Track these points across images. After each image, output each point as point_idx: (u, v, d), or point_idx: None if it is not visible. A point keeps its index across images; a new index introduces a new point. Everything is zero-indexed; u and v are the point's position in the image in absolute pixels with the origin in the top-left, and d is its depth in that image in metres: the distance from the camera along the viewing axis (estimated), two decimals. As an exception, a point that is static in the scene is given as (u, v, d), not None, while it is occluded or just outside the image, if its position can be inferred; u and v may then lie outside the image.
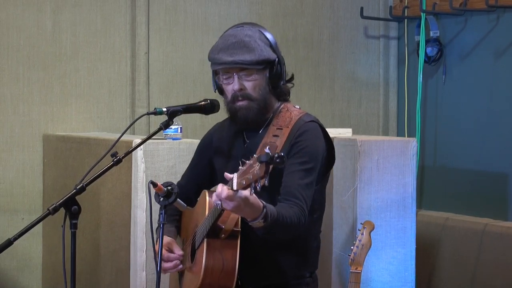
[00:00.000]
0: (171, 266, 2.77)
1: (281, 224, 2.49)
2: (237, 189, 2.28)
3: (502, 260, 4.15)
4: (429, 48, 4.76)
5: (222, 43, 2.70)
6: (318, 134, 2.72)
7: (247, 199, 2.36)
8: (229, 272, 2.56)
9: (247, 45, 2.66)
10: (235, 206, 2.35)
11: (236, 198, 2.33)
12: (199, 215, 2.73)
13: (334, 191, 3.77)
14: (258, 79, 2.70)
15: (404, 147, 3.78)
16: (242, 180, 2.25)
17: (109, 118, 4.53)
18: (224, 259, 2.56)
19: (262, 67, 2.69)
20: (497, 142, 4.48)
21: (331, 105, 5.04)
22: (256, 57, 2.66)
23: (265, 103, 2.73)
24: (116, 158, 2.55)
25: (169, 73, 4.65)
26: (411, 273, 3.80)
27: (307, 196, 2.62)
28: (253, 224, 2.45)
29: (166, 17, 4.63)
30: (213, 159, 2.90)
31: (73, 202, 2.47)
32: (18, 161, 4.39)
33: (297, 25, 4.94)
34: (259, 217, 2.43)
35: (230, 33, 2.73)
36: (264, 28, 2.77)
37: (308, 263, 2.78)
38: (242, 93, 2.71)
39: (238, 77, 2.70)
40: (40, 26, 4.39)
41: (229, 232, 2.57)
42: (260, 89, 2.71)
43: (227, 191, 2.31)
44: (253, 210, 2.41)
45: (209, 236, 2.58)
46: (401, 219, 3.76)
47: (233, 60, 2.66)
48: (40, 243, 4.45)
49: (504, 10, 4.43)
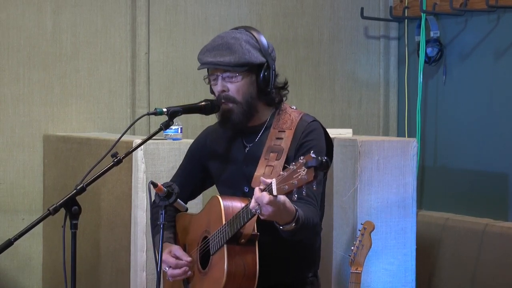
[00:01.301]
0: (180, 273, 2.75)
1: (307, 226, 2.51)
2: (277, 194, 2.29)
3: (503, 261, 4.15)
4: (430, 48, 4.76)
5: (210, 44, 2.72)
6: (321, 133, 2.73)
7: (285, 203, 2.37)
8: (250, 277, 2.56)
9: (230, 47, 2.65)
10: (274, 211, 2.36)
11: (276, 203, 2.34)
12: (211, 221, 2.71)
13: (335, 192, 3.77)
14: (242, 82, 2.68)
15: (405, 148, 3.78)
16: (284, 185, 2.25)
17: (110, 119, 4.54)
18: (245, 264, 2.56)
19: (244, 69, 2.67)
20: (497, 142, 4.47)
21: (332, 105, 5.04)
22: (236, 59, 2.64)
23: (250, 107, 2.71)
24: (116, 158, 2.55)
25: (170, 73, 4.65)
26: (411, 273, 3.80)
27: (318, 194, 2.65)
28: (285, 227, 2.46)
29: (167, 18, 4.63)
30: (208, 163, 2.89)
31: (73, 202, 2.47)
32: (19, 162, 4.40)
33: (298, 26, 4.94)
34: (292, 221, 2.44)
35: (220, 34, 2.73)
36: (259, 32, 2.74)
37: (312, 262, 2.80)
38: (225, 95, 2.70)
39: (221, 78, 2.70)
40: (41, 27, 4.39)
41: (248, 236, 2.57)
42: (244, 93, 2.69)
43: (268, 196, 2.32)
44: (288, 214, 2.43)
45: (229, 243, 2.57)
46: (401, 220, 3.76)
47: (212, 61, 2.66)
48: (40, 244, 4.45)
49: (505, 10, 4.42)
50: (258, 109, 2.75)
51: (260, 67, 2.70)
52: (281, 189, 2.26)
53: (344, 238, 3.73)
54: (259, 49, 2.70)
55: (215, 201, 2.70)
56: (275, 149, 2.66)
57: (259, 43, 2.71)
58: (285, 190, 2.25)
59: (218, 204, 2.66)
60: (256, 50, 2.69)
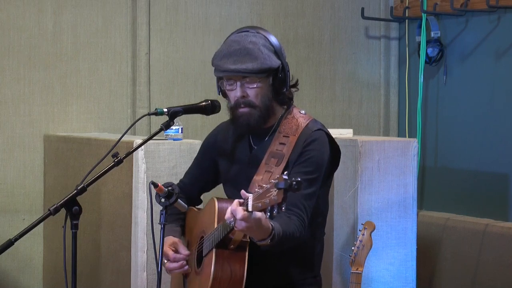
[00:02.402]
0: (177, 266, 2.77)
1: (285, 240, 2.51)
2: (252, 211, 2.29)
3: (503, 261, 4.15)
4: (430, 48, 4.76)
5: (226, 49, 2.68)
6: (324, 143, 2.71)
7: (260, 220, 2.37)
8: (236, 283, 2.57)
9: (250, 53, 2.63)
10: (247, 227, 2.36)
11: (250, 219, 2.34)
12: (206, 222, 2.72)
13: (335, 192, 3.77)
14: (261, 87, 2.68)
15: (405, 148, 3.78)
16: (258, 203, 2.24)
17: (110, 119, 4.54)
18: (232, 270, 2.57)
19: (265, 75, 2.67)
20: (498, 142, 4.48)
21: (332, 105, 5.04)
22: (259, 65, 2.63)
23: (267, 110, 2.71)
24: (117, 158, 2.55)
25: (170, 73, 4.65)
26: (412, 273, 3.80)
27: (309, 207, 2.63)
28: (260, 243, 2.46)
29: (167, 18, 4.63)
30: (218, 160, 2.90)
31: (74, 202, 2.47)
32: (19, 162, 4.40)
33: (298, 26, 4.94)
34: (267, 238, 2.45)
35: (233, 38, 2.70)
36: (268, 33, 2.73)
37: (312, 267, 2.79)
38: (244, 100, 2.69)
39: (241, 84, 2.68)
40: (41, 27, 4.39)
41: (238, 243, 2.58)
42: (262, 97, 2.69)
43: (243, 212, 2.32)
44: (263, 231, 2.42)
45: (218, 247, 2.58)
46: (402, 220, 3.76)
47: (235, 68, 2.64)
48: (41, 244, 4.45)
49: (505, 10, 4.42)
50: (274, 111, 2.75)
51: (277, 69, 2.70)
52: (256, 206, 2.25)
53: (345, 238, 3.73)
54: (274, 51, 2.69)
55: (212, 203, 2.71)
56: (276, 155, 2.66)
57: (273, 45, 2.70)
58: (259, 208, 2.25)
59: (213, 206, 2.68)
60: (272, 54, 2.68)
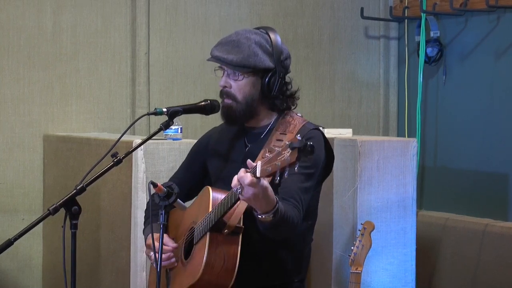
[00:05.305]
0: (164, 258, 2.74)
1: (286, 222, 2.48)
2: (260, 176, 2.27)
3: (503, 261, 4.15)
4: (430, 48, 4.76)
5: (225, 38, 2.72)
6: (321, 142, 2.70)
7: (267, 189, 2.35)
8: (229, 269, 2.54)
9: (239, 46, 2.65)
10: (254, 193, 2.33)
11: (257, 186, 2.31)
12: (199, 212, 2.71)
13: (335, 192, 3.77)
14: (245, 83, 2.68)
15: (405, 148, 3.78)
16: (268, 167, 2.22)
17: (109, 119, 4.54)
18: (225, 255, 2.54)
19: (246, 71, 2.66)
20: (497, 142, 4.48)
21: (331, 105, 5.04)
22: (239, 59, 2.64)
23: (249, 108, 2.70)
24: (116, 158, 2.55)
25: (170, 73, 4.65)
26: (411, 273, 3.80)
27: (305, 200, 2.61)
28: (262, 217, 2.42)
29: (167, 18, 4.64)
30: (207, 162, 2.89)
31: (73, 202, 2.47)
32: (19, 161, 4.40)
33: (298, 26, 4.94)
34: (271, 211, 2.41)
35: (238, 31, 2.73)
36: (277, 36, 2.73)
37: (299, 269, 2.77)
38: (226, 91, 2.71)
39: (227, 74, 2.70)
40: (41, 27, 4.39)
41: (232, 228, 2.55)
42: (245, 93, 2.68)
43: (251, 177, 2.30)
44: (268, 202, 2.39)
45: (212, 231, 2.55)
46: (401, 220, 3.76)
47: (217, 55, 2.67)
48: (40, 244, 4.45)
49: (505, 10, 4.43)
50: (259, 112, 2.74)
51: (267, 71, 2.69)
52: (265, 170, 2.24)
53: (344, 238, 3.73)
54: (270, 54, 2.69)
55: (205, 191, 2.70)
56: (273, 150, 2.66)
57: (273, 48, 2.70)
58: (268, 172, 2.23)
59: (208, 194, 2.67)
60: (266, 55, 2.68)
